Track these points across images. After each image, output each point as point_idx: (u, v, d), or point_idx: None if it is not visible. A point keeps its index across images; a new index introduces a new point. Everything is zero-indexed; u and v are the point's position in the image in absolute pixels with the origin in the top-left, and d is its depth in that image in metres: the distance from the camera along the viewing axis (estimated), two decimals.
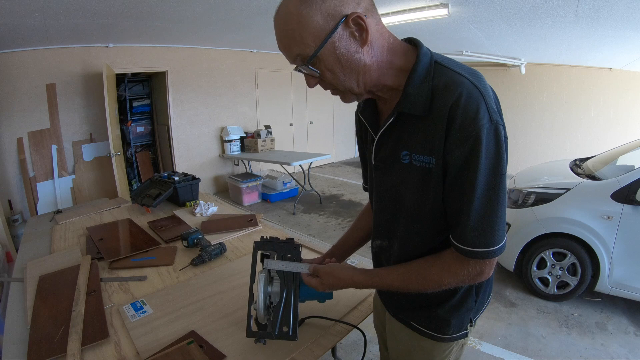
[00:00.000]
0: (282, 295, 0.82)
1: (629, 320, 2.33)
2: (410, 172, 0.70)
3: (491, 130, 0.60)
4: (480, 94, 0.61)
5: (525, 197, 2.65)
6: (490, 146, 0.61)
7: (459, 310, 0.79)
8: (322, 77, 0.67)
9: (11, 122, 3.67)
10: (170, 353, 0.88)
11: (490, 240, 0.64)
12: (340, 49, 0.62)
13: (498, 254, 0.65)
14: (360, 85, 0.67)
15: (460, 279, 0.69)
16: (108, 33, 3.63)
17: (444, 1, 2.77)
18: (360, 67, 0.64)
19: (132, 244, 1.60)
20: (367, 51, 0.64)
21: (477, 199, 0.62)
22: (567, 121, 5.58)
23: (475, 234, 0.64)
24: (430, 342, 0.82)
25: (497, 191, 0.63)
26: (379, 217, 0.85)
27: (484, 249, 0.64)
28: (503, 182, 0.63)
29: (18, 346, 0.94)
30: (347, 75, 0.65)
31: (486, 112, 0.60)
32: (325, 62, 0.64)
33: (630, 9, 2.58)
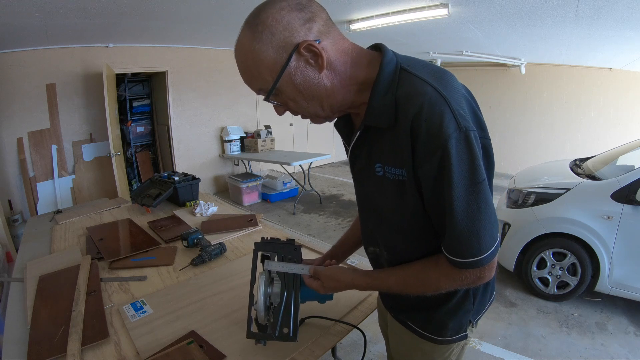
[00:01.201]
0: (282, 297, 0.82)
1: (629, 320, 2.32)
2: (385, 184, 0.69)
3: (460, 138, 0.57)
4: (445, 100, 0.58)
5: (525, 197, 2.65)
6: (462, 155, 0.58)
7: (457, 312, 0.78)
8: (287, 106, 0.67)
9: (11, 122, 3.67)
10: (170, 353, 0.88)
11: (478, 250, 0.62)
12: (297, 79, 0.62)
13: (489, 260, 0.63)
14: (326, 109, 0.67)
15: (460, 284, 0.68)
16: (108, 33, 3.63)
17: (444, 1, 2.77)
18: (322, 92, 0.64)
19: (132, 244, 1.60)
20: (326, 75, 0.63)
21: (458, 212, 0.60)
22: (567, 121, 5.58)
23: (460, 246, 0.62)
24: (430, 345, 0.82)
25: (478, 200, 0.60)
26: (364, 226, 0.86)
27: (472, 259, 0.63)
28: (483, 189, 0.60)
29: (18, 346, 0.94)
30: (310, 102, 0.65)
31: (452, 120, 0.57)
32: (285, 93, 0.64)
33: (630, 9, 2.58)
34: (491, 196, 0.63)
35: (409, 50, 5.40)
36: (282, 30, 0.59)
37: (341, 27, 3.45)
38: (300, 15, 0.60)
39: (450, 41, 4.31)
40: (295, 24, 0.59)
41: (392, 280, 0.76)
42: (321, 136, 7.16)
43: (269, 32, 0.59)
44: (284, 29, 0.59)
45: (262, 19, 0.59)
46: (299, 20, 0.60)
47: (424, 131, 0.58)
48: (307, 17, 0.60)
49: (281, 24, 0.59)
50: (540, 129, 5.85)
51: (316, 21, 0.61)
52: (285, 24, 0.59)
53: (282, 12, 0.59)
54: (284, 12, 0.59)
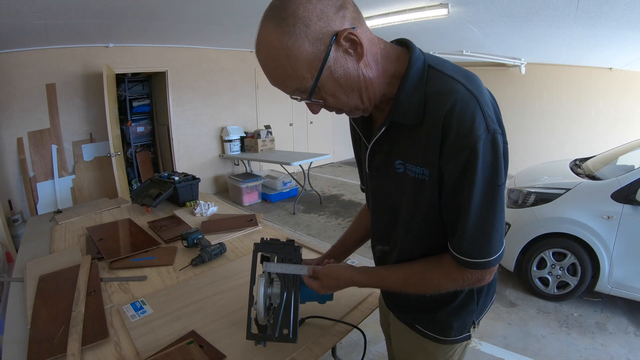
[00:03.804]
0: (282, 297, 0.82)
1: (629, 320, 2.32)
2: (404, 181, 0.68)
3: (488, 140, 0.58)
4: (477, 101, 0.58)
5: (525, 197, 2.65)
6: (487, 157, 0.58)
7: (461, 313, 0.78)
8: (325, 104, 0.64)
9: (11, 122, 3.67)
10: (170, 353, 0.88)
11: (487, 251, 0.63)
12: (338, 72, 0.58)
13: (495, 263, 0.65)
14: (365, 100, 0.64)
15: (460, 285, 0.68)
16: (108, 33, 3.63)
17: (444, 1, 2.77)
18: (362, 83, 0.61)
19: (132, 244, 1.60)
20: (364, 64, 0.60)
21: (473, 211, 0.61)
22: (567, 121, 5.58)
23: (471, 245, 0.63)
24: (433, 344, 0.81)
25: (494, 203, 0.61)
26: (377, 224, 0.85)
27: (480, 260, 0.64)
28: (500, 193, 0.62)
29: (18, 346, 0.94)
30: (350, 95, 0.62)
31: (483, 121, 0.57)
32: (325, 89, 0.60)
33: (630, 9, 2.58)
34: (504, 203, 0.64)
35: None
36: (317, 20, 0.54)
37: None
38: (331, 3, 0.56)
39: (450, 41, 4.31)
40: (329, 12, 0.55)
41: (393, 278, 0.76)
42: (321, 136, 7.16)
43: (302, 24, 0.54)
44: (319, 19, 0.54)
45: (291, 11, 0.54)
46: (332, 8, 0.56)
47: (454, 129, 0.58)
48: (339, 4, 0.57)
49: (314, 13, 0.54)
50: (540, 129, 5.85)
51: (348, 8, 0.58)
52: (319, 13, 0.54)
53: (312, 1, 0.54)
54: (314, 1, 0.54)
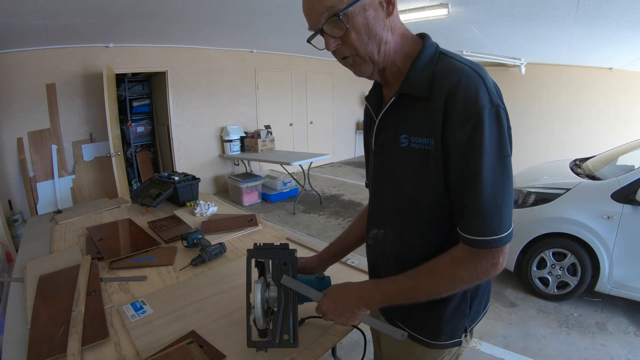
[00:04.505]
0: (280, 303, 0.81)
1: (629, 320, 2.32)
2: (409, 155, 0.69)
3: (492, 112, 0.61)
4: (481, 78, 0.62)
5: (525, 197, 2.65)
6: (493, 127, 0.61)
7: (452, 316, 0.77)
8: (346, 38, 0.66)
9: (11, 122, 3.67)
10: (170, 353, 0.88)
11: (499, 227, 0.62)
12: (369, 12, 0.64)
13: (507, 241, 0.63)
14: (381, 54, 0.68)
15: (474, 273, 0.65)
16: (108, 33, 3.64)
17: (444, 1, 2.77)
18: (383, 37, 0.67)
19: (132, 244, 1.60)
20: (390, 25, 0.67)
21: (483, 182, 0.61)
22: (567, 121, 5.58)
23: (482, 221, 0.62)
24: (421, 348, 0.80)
25: (503, 174, 0.62)
26: (375, 204, 0.84)
27: (493, 237, 0.62)
28: (508, 165, 0.62)
29: (18, 346, 0.94)
30: (371, 40, 0.66)
31: (486, 93, 0.61)
32: (353, 22, 0.64)
33: (630, 9, 2.58)
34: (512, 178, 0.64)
35: None
36: None
37: None
38: None
39: (450, 41, 4.31)
40: None
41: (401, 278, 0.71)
42: (321, 136, 7.16)
43: None
44: None
45: None
46: None
47: (460, 100, 0.61)
48: None
49: None
50: (540, 129, 5.85)
51: None
52: None
53: None
54: None
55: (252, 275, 0.86)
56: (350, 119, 7.80)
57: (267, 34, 4.35)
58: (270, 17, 3.25)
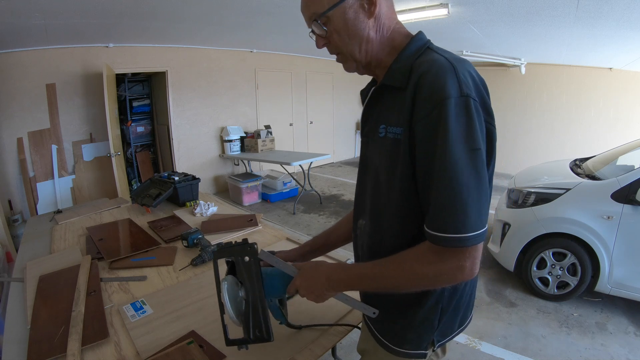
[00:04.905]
0: (248, 297, 0.80)
1: (629, 320, 2.33)
2: (385, 145, 0.70)
3: (460, 102, 0.58)
4: (453, 68, 0.61)
5: (525, 197, 2.65)
6: (460, 118, 0.58)
7: (419, 325, 0.74)
8: (329, 38, 0.72)
9: (11, 122, 3.67)
10: (170, 353, 0.88)
11: (462, 225, 0.57)
12: (349, 14, 0.68)
13: (474, 242, 0.58)
14: (362, 52, 0.71)
15: (437, 273, 0.61)
16: (108, 33, 3.64)
17: (444, 1, 2.77)
18: (364, 37, 0.70)
19: (132, 244, 1.60)
20: (372, 24, 0.69)
21: (447, 174, 0.57)
22: (567, 121, 5.59)
23: (445, 216, 0.58)
24: (384, 352, 0.79)
25: (469, 168, 0.58)
26: (358, 194, 0.85)
27: (455, 235, 0.57)
28: (479, 159, 0.59)
29: (18, 346, 0.94)
30: (352, 40, 0.70)
31: (456, 84, 0.59)
32: (334, 24, 0.69)
33: (630, 9, 2.58)
34: (486, 176, 0.61)
35: None
36: None
37: None
38: None
39: (450, 41, 4.31)
40: None
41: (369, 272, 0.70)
42: (321, 136, 7.16)
43: None
44: None
45: None
46: None
47: (427, 88, 0.61)
48: None
49: None
50: (540, 129, 5.85)
51: None
52: None
53: None
54: None
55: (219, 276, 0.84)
56: (350, 119, 7.80)
57: (267, 34, 4.35)
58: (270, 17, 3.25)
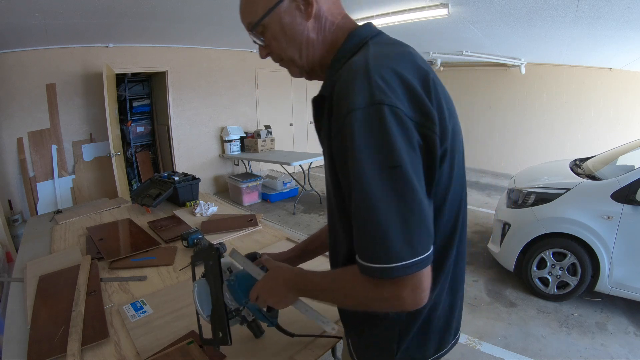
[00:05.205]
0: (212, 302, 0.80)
1: (629, 320, 2.32)
2: (325, 160, 0.66)
3: (369, 113, 0.50)
4: (367, 71, 0.52)
5: (525, 197, 2.65)
6: (370, 131, 0.49)
7: (376, 347, 0.69)
8: (269, 46, 0.67)
9: (11, 122, 3.67)
10: (170, 353, 0.88)
11: (384, 254, 0.49)
12: (285, 19, 0.63)
13: (401, 274, 0.50)
14: (303, 57, 0.67)
15: (372, 297, 0.55)
16: (108, 33, 3.63)
17: (444, 1, 2.77)
18: (304, 40, 0.65)
19: (132, 244, 1.60)
20: (312, 26, 0.64)
21: (361, 197, 0.50)
22: (567, 121, 5.58)
23: (364, 243, 0.52)
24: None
25: (388, 189, 0.49)
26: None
27: (377, 265, 0.50)
28: (398, 178, 0.49)
29: (18, 346, 0.94)
30: (290, 46, 0.66)
31: (365, 91, 0.51)
32: (271, 31, 0.65)
33: (630, 9, 2.58)
34: (417, 195, 0.50)
35: None
36: None
37: None
38: None
39: (450, 41, 4.31)
40: None
41: (322, 275, 0.66)
42: None
43: None
44: None
45: None
46: None
47: (337, 99, 0.55)
48: None
49: None
50: (540, 129, 5.85)
51: None
52: None
53: None
54: None
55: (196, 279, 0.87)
56: None
57: None
58: None
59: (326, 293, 0.65)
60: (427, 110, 0.53)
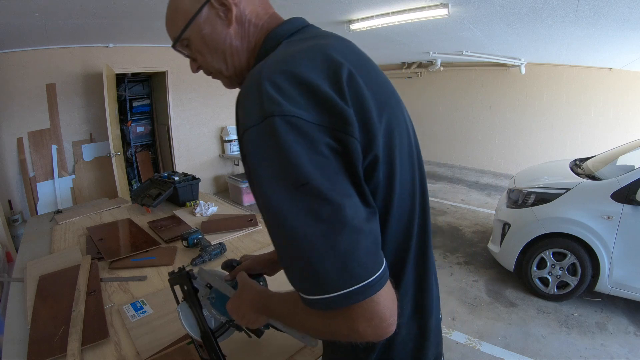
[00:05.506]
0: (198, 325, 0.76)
1: (629, 320, 2.33)
2: None
3: (261, 129, 0.43)
4: (258, 81, 0.46)
5: (525, 197, 2.65)
6: (266, 150, 0.43)
7: None
8: (197, 59, 0.65)
9: (11, 122, 3.67)
10: (170, 353, 0.88)
11: (317, 285, 0.42)
12: (205, 30, 0.60)
13: (344, 303, 0.42)
14: (230, 68, 0.63)
15: (328, 330, 0.47)
16: (108, 33, 3.63)
17: (444, 1, 2.77)
18: (227, 49, 0.61)
19: (132, 244, 1.60)
20: (235, 32, 0.60)
21: (274, 227, 0.45)
22: (567, 121, 5.58)
23: (293, 276, 0.46)
24: None
25: (302, 212, 0.42)
26: None
27: (308, 296, 0.44)
28: (310, 195, 0.41)
29: (18, 346, 0.94)
30: (214, 57, 0.62)
31: (255, 105, 0.45)
32: (194, 44, 0.62)
33: (630, 9, 2.58)
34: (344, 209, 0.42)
35: (409, 50, 5.40)
36: None
37: (341, 27, 3.44)
38: None
39: (450, 41, 4.31)
40: None
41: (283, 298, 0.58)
42: None
43: None
44: None
45: None
46: None
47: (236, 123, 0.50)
48: None
49: None
50: (540, 129, 5.85)
51: None
52: None
53: None
54: None
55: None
56: None
57: None
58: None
59: (288, 320, 0.56)
60: (338, 110, 0.45)
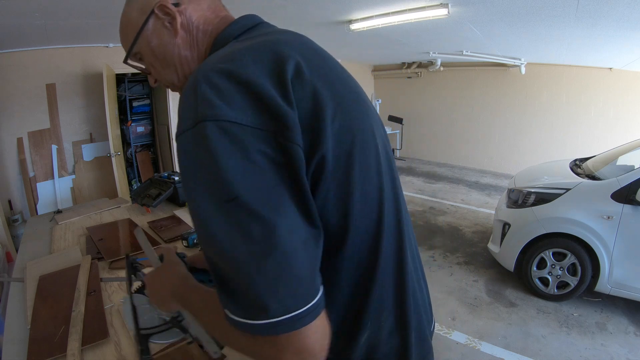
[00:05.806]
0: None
1: (629, 320, 2.33)
2: None
3: (192, 135, 0.40)
4: (195, 82, 0.42)
5: (525, 197, 2.65)
6: (193, 158, 0.40)
7: None
8: (152, 73, 0.64)
9: (11, 122, 3.67)
10: (170, 353, 0.88)
11: (239, 307, 0.39)
12: (153, 42, 0.58)
13: (271, 332, 0.38)
14: (181, 78, 0.61)
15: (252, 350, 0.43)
16: (108, 33, 3.63)
17: (444, 1, 2.77)
18: (176, 59, 0.59)
19: (132, 244, 1.60)
20: (183, 41, 0.58)
21: (202, 240, 0.42)
22: (567, 121, 5.58)
23: (217, 289, 0.42)
24: None
25: (230, 229, 0.38)
26: None
27: (233, 317, 0.40)
28: (239, 212, 0.38)
29: (18, 346, 0.94)
30: (166, 69, 0.61)
31: (190, 109, 0.41)
32: (145, 57, 0.61)
33: (630, 9, 2.58)
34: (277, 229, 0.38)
35: (409, 50, 5.40)
36: None
37: (341, 27, 3.44)
38: None
39: (450, 41, 4.30)
40: None
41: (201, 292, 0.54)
42: None
43: None
44: None
45: None
46: None
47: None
48: None
49: None
50: (540, 129, 5.85)
51: None
52: None
53: None
54: None
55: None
56: None
57: None
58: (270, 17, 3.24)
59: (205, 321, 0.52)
60: (278, 111, 0.41)
